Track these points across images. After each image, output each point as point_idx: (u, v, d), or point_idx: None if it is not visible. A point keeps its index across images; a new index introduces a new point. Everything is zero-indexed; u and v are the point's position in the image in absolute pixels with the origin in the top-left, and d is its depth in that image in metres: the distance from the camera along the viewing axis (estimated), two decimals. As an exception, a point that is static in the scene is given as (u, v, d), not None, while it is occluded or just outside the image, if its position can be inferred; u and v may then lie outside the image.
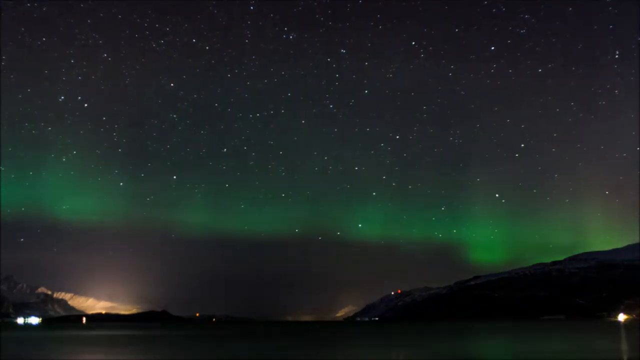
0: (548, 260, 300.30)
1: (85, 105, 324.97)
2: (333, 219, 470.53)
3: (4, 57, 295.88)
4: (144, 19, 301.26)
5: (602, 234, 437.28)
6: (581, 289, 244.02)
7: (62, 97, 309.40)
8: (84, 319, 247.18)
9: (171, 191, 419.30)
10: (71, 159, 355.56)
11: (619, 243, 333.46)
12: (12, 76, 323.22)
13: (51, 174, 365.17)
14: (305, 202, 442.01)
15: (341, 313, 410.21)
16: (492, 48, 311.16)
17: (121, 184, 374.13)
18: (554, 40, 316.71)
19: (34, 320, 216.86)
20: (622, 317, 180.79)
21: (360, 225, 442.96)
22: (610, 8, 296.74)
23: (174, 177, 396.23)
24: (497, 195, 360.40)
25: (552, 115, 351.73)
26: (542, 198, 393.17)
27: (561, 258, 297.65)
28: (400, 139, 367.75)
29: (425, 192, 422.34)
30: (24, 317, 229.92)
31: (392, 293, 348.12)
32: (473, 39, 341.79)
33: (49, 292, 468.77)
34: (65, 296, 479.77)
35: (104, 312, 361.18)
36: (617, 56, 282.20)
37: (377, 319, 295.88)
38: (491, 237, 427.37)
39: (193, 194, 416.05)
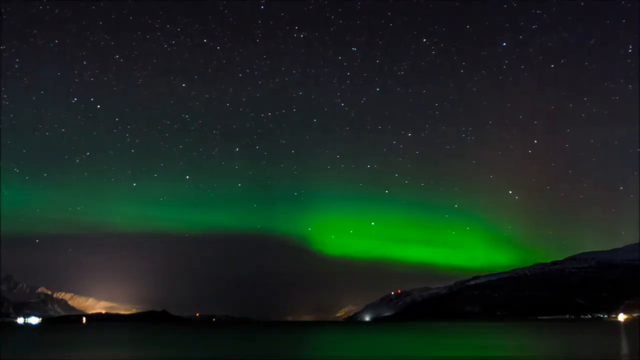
0: (548, 260, 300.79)
1: (98, 106, 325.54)
2: (345, 217, 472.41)
3: (17, 60, 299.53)
4: (155, 20, 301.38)
5: (604, 234, 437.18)
6: (581, 289, 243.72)
7: (75, 99, 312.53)
8: (84, 319, 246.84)
9: (184, 191, 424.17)
10: (85, 160, 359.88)
11: (619, 243, 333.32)
12: (25, 78, 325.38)
13: (65, 176, 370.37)
14: (318, 200, 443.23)
15: (341, 313, 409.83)
16: (504, 44, 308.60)
17: (134, 184, 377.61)
18: (566, 35, 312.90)
19: (34, 320, 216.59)
20: (622, 317, 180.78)
21: (373, 223, 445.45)
22: (622, 2, 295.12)
23: (187, 177, 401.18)
24: (510, 192, 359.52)
25: (566, 111, 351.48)
26: (555, 194, 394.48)
27: (561, 258, 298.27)
28: (412, 137, 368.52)
29: (438, 189, 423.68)
30: (24, 317, 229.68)
31: (392, 293, 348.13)
32: (484, 35, 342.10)
33: (49, 292, 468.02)
34: (65, 296, 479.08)
35: (104, 312, 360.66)
36: (630, 50, 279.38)
37: (377, 318, 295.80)
38: (504, 234, 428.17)
39: (206, 193, 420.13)
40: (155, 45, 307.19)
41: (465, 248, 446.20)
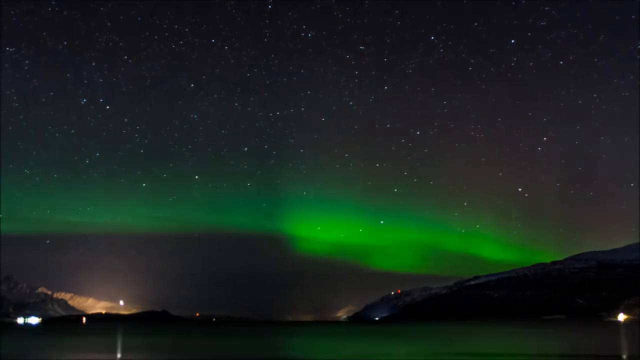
0: (548, 260, 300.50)
1: (107, 107, 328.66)
2: (355, 216, 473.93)
3: (26, 62, 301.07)
4: (163, 21, 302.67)
5: (604, 233, 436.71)
6: (581, 289, 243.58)
7: (85, 100, 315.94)
8: (84, 319, 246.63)
9: (193, 191, 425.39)
10: (94, 161, 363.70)
11: (619, 243, 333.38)
12: (34, 80, 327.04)
13: (75, 177, 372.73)
14: (327, 200, 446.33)
15: (341, 313, 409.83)
16: (512, 41, 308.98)
17: (144, 184, 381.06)
18: (575, 31, 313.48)
19: (34, 320, 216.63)
20: (622, 317, 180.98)
21: (382, 222, 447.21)
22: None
23: (196, 177, 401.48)
24: (519, 189, 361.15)
25: (574, 108, 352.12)
26: (565, 192, 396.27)
27: (561, 258, 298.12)
28: (420, 135, 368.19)
29: (446, 187, 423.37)
30: (24, 317, 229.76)
31: (392, 293, 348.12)
32: (493, 33, 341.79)
33: (49, 292, 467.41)
34: (65, 296, 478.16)
35: (104, 312, 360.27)
36: (639, 46, 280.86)
37: (377, 318, 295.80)
38: (514, 232, 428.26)
39: (215, 193, 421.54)
40: (164, 46, 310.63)
41: (472, 247, 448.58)
